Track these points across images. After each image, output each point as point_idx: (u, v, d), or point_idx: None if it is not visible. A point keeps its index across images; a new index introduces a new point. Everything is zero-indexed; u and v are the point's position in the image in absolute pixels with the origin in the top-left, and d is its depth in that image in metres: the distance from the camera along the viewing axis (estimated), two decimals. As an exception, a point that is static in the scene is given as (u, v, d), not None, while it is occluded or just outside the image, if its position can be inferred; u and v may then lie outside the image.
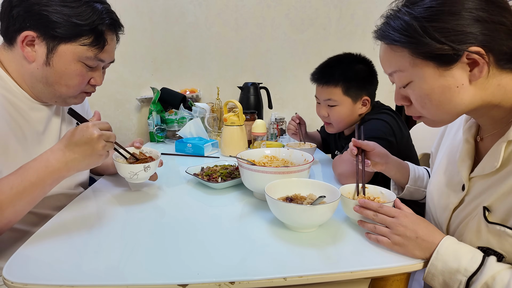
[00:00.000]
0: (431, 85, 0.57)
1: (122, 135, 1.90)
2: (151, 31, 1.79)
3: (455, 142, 0.73)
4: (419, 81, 0.58)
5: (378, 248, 0.62)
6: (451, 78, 0.55)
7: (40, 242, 0.64)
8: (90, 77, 0.85)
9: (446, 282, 0.55)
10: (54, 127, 0.92)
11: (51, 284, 0.51)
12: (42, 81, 0.80)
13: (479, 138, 0.66)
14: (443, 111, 0.59)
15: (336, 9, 1.88)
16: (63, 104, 0.89)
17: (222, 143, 1.33)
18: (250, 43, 1.88)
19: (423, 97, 0.59)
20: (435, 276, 0.56)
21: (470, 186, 0.63)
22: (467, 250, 0.56)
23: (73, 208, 0.79)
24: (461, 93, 0.56)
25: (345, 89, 1.12)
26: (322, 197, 0.69)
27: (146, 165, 0.83)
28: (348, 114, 1.16)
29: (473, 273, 0.53)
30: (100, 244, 0.63)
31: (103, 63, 0.86)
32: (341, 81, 1.12)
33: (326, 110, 1.18)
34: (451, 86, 0.56)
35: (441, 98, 0.57)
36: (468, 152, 0.65)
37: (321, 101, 1.19)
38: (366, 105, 1.16)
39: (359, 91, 1.13)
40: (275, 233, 0.68)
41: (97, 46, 0.80)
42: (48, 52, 0.77)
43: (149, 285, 0.52)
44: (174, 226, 0.71)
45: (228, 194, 0.91)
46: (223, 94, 1.82)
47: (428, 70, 0.56)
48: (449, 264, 0.55)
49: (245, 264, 0.57)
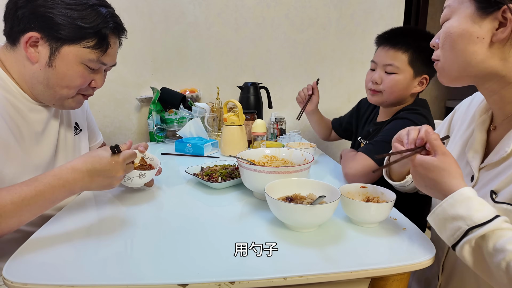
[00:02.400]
0: (459, 25, 0.60)
1: (122, 135, 1.90)
2: (151, 31, 1.79)
3: (466, 136, 0.74)
4: (454, 19, 0.61)
5: (378, 248, 0.62)
6: (477, 27, 0.58)
7: (40, 242, 0.64)
8: (91, 79, 0.86)
9: (444, 225, 0.55)
10: (52, 128, 0.92)
11: (51, 284, 0.51)
12: (43, 82, 0.80)
13: (493, 127, 0.67)
14: (455, 56, 0.61)
15: (336, 9, 1.88)
16: (61, 107, 0.89)
17: (222, 143, 1.33)
18: (250, 43, 1.88)
19: (447, 35, 0.62)
20: (437, 216, 0.56)
21: (479, 176, 0.64)
22: (482, 204, 0.53)
23: (73, 208, 0.79)
24: (477, 46, 0.58)
25: (411, 58, 1.07)
26: (322, 197, 0.69)
27: (142, 173, 0.83)
28: (404, 87, 1.09)
29: (477, 225, 0.51)
30: (99, 244, 0.63)
31: (105, 66, 0.86)
32: (411, 49, 1.06)
33: (380, 76, 1.11)
34: (472, 33, 0.58)
35: (458, 40, 0.60)
36: (481, 144, 0.67)
37: (379, 66, 1.12)
38: (422, 85, 1.10)
39: (423, 66, 1.07)
40: (275, 233, 0.68)
41: (100, 49, 0.81)
42: (51, 54, 0.77)
43: (149, 285, 0.52)
44: (174, 226, 0.71)
45: (228, 194, 0.91)
46: (223, 94, 1.82)
47: (466, 11, 0.59)
48: (457, 210, 0.54)
49: (245, 264, 0.57)
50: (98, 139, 1.22)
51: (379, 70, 1.13)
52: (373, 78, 1.14)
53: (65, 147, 0.98)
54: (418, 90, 1.12)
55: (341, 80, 1.97)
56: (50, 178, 0.66)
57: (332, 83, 1.97)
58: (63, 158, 0.96)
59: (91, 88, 0.89)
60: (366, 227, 0.70)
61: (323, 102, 1.98)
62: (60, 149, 0.96)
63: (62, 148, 0.96)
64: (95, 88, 0.90)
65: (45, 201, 0.66)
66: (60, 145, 0.96)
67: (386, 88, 1.11)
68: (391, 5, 1.89)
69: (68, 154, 0.99)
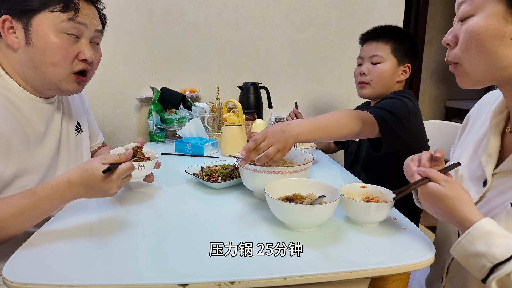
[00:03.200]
0: (488, 25, 0.54)
1: (122, 135, 1.90)
2: (151, 31, 1.79)
3: (477, 138, 0.71)
4: (480, 16, 0.55)
5: (378, 248, 0.62)
6: (511, 27, 0.52)
7: (40, 242, 0.64)
8: (76, 51, 0.82)
9: (469, 262, 0.54)
10: (55, 127, 0.92)
11: (51, 284, 0.51)
12: (29, 65, 0.79)
13: (509, 129, 0.64)
14: (482, 58, 0.56)
15: (336, 9, 1.88)
16: (59, 92, 0.87)
17: (222, 143, 1.33)
18: (250, 43, 1.88)
19: (472, 35, 0.55)
20: (459, 253, 0.55)
21: (493, 182, 0.62)
22: (502, 237, 0.52)
23: (73, 208, 0.79)
24: (510, 48, 0.53)
25: (393, 48, 1.19)
26: (322, 197, 0.69)
27: (140, 164, 0.81)
28: (389, 74, 1.21)
29: (501, 262, 0.50)
30: (100, 244, 0.63)
31: (85, 28, 0.82)
32: (392, 40, 1.19)
33: (367, 68, 1.23)
34: (505, 35, 0.53)
35: (488, 42, 0.54)
36: (495, 147, 0.64)
37: (366, 59, 1.24)
38: (406, 73, 1.22)
39: (405, 56, 1.20)
40: (275, 233, 0.68)
41: (69, 10, 0.78)
42: (25, 31, 0.77)
43: (149, 285, 0.52)
44: (174, 226, 0.71)
45: (228, 194, 0.91)
46: (223, 94, 1.82)
47: (496, 8, 0.53)
48: (478, 247, 0.52)
49: (245, 264, 0.57)
50: (99, 139, 1.22)
51: (366, 63, 1.25)
52: (361, 70, 1.25)
53: (67, 147, 0.98)
54: (403, 78, 1.23)
55: (341, 80, 1.97)
56: (47, 191, 0.67)
57: (332, 83, 1.97)
58: (65, 157, 0.96)
59: (82, 63, 0.84)
60: (366, 227, 0.70)
61: (324, 102, 1.99)
62: (62, 149, 0.96)
63: (65, 148, 0.96)
64: (87, 62, 0.85)
65: (44, 211, 0.69)
66: (63, 144, 0.96)
67: (374, 78, 1.22)
68: (391, 5, 1.90)
69: (71, 154, 0.99)
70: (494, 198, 0.61)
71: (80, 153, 1.04)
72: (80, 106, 1.09)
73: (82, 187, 0.69)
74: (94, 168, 0.68)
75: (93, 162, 0.70)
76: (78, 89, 0.88)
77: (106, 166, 0.68)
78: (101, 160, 0.70)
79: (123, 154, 0.72)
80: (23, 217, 0.66)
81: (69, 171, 0.70)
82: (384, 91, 1.23)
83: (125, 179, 0.74)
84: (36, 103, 0.86)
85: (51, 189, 0.68)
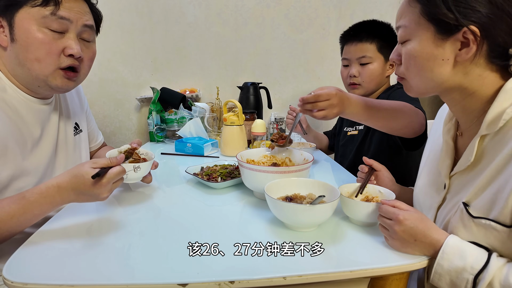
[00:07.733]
0: (422, 49, 0.60)
1: (122, 135, 1.90)
2: (151, 31, 1.79)
3: (436, 146, 0.75)
4: (415, 41, 0.61)
5: (378, 247, 0.62)
6: (441, 50, 0.58)
7: (40, 242, 0.64)
8: (61, 46, 0.80)
9: (453, 282, 0.55)
10: (51, 129, 0.91)
11: (51, 284, 0.51)
12: (16, 62, 0.79)
13: (460, 133, 0.68)
14: (422, 77, 0.63)
15: (335, 9, 1.88)
16: (49, 90, 0.85)
17: (221, 143, 1.33)
18: (249, 43, 1.88)
19: (411, 57, 0.63)
20: (442, 276, 0.56)
21: (450, 184, 0.65)
22: (472, 248, 0.55)
23: (72, 208, 0.79)
24: (443, 67, 0.59)
25: (379, 46, 1.18)
26: (322, 197, 0.69)
27: (136, 166, 0.80)
28: (380, 72, 1.20)
29: (480, 271, 0.52)
30: (100, 244, 0.64)
31: (69, 22, 0.80)
32: (376, 38, 1.18)
33: (357, 69, 1.21)
34: (437, 56, 0.59)
35: (424, 63, 0.61)
36: (448, 152, 0.68)
37: (353, 61, 1.22)
38: (393, 66, 1.21)
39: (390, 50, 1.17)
40: (275, 232, 0.68)
41: (49, 4, 0.77)
42: (10, 28, 0.77)
43: (149, 284, 0.52)
44: (174, 226, 0.71)
45: (228, 194, 0.91)
46: (222, 94, 1.82)
47: (426, 34, 0.59)
48: (455, 263, 0.54)
49: (245, 264, 0.57)
50: (98, 139, 1.22)
51: (353, 64, 1.23)
52: (351, 73, 1.23)
53: (65, 148, 0.97)
54: (391, 72, 1.24)
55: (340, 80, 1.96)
56: (37, 196, 0.66)
57: (332, 83, 1.97)
58: (63, 158, 0.96)
59: (69, 58, 0.82)
60: (365, 227, 0.70)
61: (323, 102, 1.99)
62: (59, 150, 0.95)
63: (62, 149, 0.96)
64: (75, 58, 0.82)
65: (34, 216, 0.68)
66: (60, 146, 0.95)
67: (365, 79, 1.22)
68: (391, 5, 1.90)
69: (69, 155, 0.98)
70: (451, 199, 0.64)
71: (79, 154, 1.04)
72: (79, 107, 1.09)
73: (72, 192, 0.68)
74: (84, 173, 0.66)
75: (83, 167, 0.68)
76: (69, 85, 0.85)
77: (96, 170, 0.67)
78: (92, 164, 0.68)
79: (114, 158, 0.71)
80: (12, 221, 0.65)
81: (59, 175, 0.69)
82: (376, 88, 1.25)
83: (116, 183, 0.72)
84: (33, 104, 0.85)
85: (40, 194, 0.66)
